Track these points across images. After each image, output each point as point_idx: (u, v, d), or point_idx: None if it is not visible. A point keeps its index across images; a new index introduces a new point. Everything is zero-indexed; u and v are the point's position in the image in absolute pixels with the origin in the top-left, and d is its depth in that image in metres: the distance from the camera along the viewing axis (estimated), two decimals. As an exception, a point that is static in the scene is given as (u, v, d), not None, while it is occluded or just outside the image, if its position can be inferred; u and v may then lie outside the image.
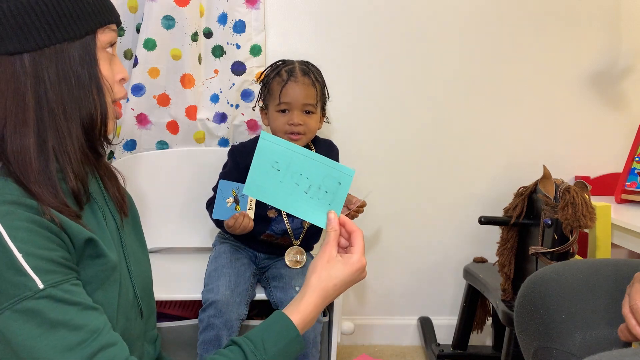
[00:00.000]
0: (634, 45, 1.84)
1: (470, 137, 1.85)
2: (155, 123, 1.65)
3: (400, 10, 1.76)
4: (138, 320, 0.88)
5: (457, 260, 1.91)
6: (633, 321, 0.82)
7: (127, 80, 0.84)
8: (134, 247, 0.92)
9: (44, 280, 0.66)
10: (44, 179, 0.72)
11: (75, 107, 0.74)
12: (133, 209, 0.97)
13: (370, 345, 1.95)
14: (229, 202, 1.35)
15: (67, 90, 0.73)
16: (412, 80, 1.80)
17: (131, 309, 0.85)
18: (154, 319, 0.98)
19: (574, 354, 0.93)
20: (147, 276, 0.95)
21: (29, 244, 0.66)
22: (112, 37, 0.80)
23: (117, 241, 0.86)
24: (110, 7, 0.80)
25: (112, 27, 0.80)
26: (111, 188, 0.89)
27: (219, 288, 1.33)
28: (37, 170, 0.72)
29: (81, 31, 0.74)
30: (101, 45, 0.77)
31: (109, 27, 0.79)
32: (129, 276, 0.86)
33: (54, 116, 0.72)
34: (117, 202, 0.90)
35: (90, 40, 0.76)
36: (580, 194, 1.32)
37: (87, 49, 0.75)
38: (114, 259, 0.78)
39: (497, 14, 1.79)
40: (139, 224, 0.98)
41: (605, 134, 1.88)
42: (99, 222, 0.81)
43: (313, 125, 1.46)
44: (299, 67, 1.46)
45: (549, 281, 1.03)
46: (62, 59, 0.73)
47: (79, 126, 0.75)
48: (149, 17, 1.55)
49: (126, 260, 0.86)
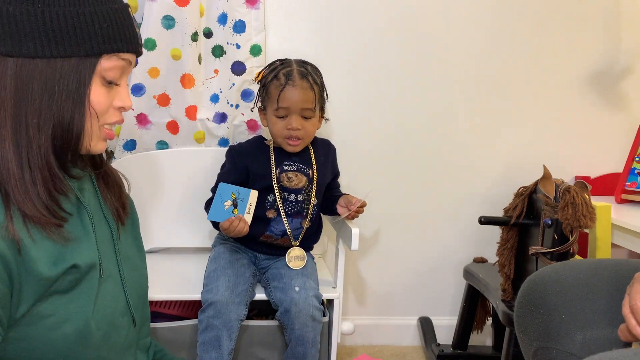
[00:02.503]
0: (633, 46, 1.84)
1: (470, 137, 1.85)
2: (155, 123, 1.65)
3: (400, 10, 1.75)
4: (130, 328, 0.87)
5: (457, 260, 1.91)
6: (633, 321, 0.82)
7: (127, 109, 0.82)
8: (129, 254, 0.91)
9: None
10: (22, 186, 0.71)
11: (49, 124, 0.72)
12: (133, 215, 0.96)
13: (370, 345, 1.95)
14: (227, 204, 1.35)
15: (45, 106, 0.71)
16: (412, 80, 1.80)
17: (121, 317, 0.84)
18: (147, 326, 0.96)
19: (574, 354, 0.93)
20: (142, 284, 0.94)
21: None
22: (119, 65, 0.77)
23: (110, 248, 0.85)
24: (127, 35, 0.77)
25: (124, 56, 0.77)
26: (110, 197, 0.88)
27: (219, 288, 1.33)
28: (17, 176, 0.71)
29: (80, 52, 0.72)
30: (101, 71, 0.75)
31: (118, 55, 0.76)
32: (122, 283, 0.85)
33: (27, 125, 0.71)
34: (115, 211, 0.88)
35: (89, 63, 0.74)
36: (580, 194, 1.32)
37: (83, 70, 0.73)
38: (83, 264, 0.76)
39: (496, 14, 1.79)
40: (137, 230, 0.97)
41: (606, 134, 1.88)
42: (85, 228, 0.80)
43: (311, 129, 1.46)
44: (297, 69, 1.44)
45: (549, 281, 1.02)
46: (51, 73, 0.71)
47: (50, 144, 0.73)
48: (149, 17, 1.55)
49: (119, 268, 0.85)
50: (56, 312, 0.73)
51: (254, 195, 1.37)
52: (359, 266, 1.91)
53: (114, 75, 0.77)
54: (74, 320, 0.74)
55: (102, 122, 0.78)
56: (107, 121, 0.79)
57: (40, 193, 0.72)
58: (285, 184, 1.46)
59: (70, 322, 0.74)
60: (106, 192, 0.88)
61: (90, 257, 0.78)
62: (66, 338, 0.74)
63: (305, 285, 1.38)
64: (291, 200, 1.46)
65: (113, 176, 0.91)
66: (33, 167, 0.72)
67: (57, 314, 0.73)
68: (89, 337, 0.76)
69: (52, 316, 0.73)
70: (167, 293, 1.43)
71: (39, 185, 0.72)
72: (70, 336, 0.74)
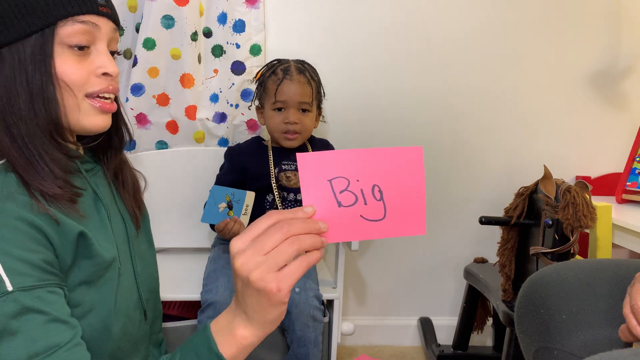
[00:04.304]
0: (634, 45, 1.84)
1: (471, 137, 1.85)
2: (154, 123, 1.65)
3: (399, 10, 1.75)
4: (142, 322, 0.88)
5: (457, 260, 1.91)
6: (634, 321, 0.81)
7: (112, 74, 0.78)
8: (142, 249, 0.91)
9: (14, 282, 0.64)
10: (32, 168, 0.71)
11: (28, 107, 0.72)
12: (144, 212, 0.97)
13: (370, 345, 1.95)
14: (222, 207, 1.35)
15: (20, 91, 0.71)
16: (412, 80, 1.80)
17: (134, 311, 0.85)
18: (159, 322, 0.97)
19: (574, 354, 0.93)
20: (154, 279, 0.95)
21: (9, 243, 0.65)
22: (78, 29, 0.73)
23: (125, 242, 0.85)
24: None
25: (81, 18, 0.73)
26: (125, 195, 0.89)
27: (218, 289, 1.33)
28: (23, 161, 0.71)
29: (33, 27, 0.71)
30: (61, 40, 0.73)
31: (74, 18, 0.73)
32: (134, 277, 0.86)
33: (12, 115, 0.71)
34: (131, 209, 0.89)
35: (47, 36, 0.72)
36: (580, 194, 1.32)
37: (42, 45, 0.71)
38: (108, 257, 0.77)
39: (496, 15, 1.78)
40: (148, 226, 0.98)
41: (606, 134, 1.88)
42: (102, 218, 0.81)
43: (309, 124, 1.46)
44: (295, 65, 1.46)
45: (549, 281, 1.02)
46: (15, 59, 0.71)
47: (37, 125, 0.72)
48: (149, 17, 1.55)
49: (133, 262, 0.86)
50: (83, 301, 0.74)
51: (250, 197, 1.37)
52: (359, 266, 1.91)
53: (78, 40, 0.74)
54: (99, 310, 0.75)
55: (84, 92, 0.76)
56: (89, 90, 0.76)
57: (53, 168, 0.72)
58: (284, 183, 1.46)
59: (95, 313, 0.75)
60: (122, 189, 0.89)
61: (111, 249, 0.79)
62: (91, 328, 0.74)
63: (306, 285, 1.38)
64: (290, 199, 1.46)
65: (130, 175, 0.92)
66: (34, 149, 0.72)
67: (84, 304, 0.74)
68: (111, 328, 0.77)
69: (79, 306, 0.74)
70: (167, 293, 1.42)
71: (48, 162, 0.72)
72: (95, 326, 0.75)
